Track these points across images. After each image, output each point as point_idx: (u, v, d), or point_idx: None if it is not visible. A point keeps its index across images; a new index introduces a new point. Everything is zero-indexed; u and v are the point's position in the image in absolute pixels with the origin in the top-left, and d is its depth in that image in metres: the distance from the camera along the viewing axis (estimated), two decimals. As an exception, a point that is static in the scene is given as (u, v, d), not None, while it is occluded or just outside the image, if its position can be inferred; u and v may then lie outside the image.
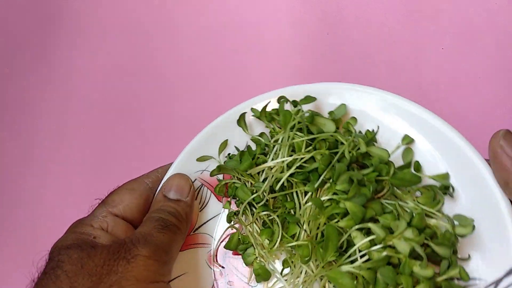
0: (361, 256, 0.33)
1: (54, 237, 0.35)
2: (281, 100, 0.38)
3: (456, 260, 0.35)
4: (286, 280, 0.36)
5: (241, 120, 0.40)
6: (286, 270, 0.37)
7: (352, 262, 0.33)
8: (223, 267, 0.39)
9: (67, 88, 0.56)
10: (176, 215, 0.37)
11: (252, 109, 0.40)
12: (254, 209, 0.38)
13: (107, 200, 0.38)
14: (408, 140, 0.37)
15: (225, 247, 0.39)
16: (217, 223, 0.40)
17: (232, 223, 0.39)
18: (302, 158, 0.36)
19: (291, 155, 0.36)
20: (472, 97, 0.57)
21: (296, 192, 0.36)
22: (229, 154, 0.40)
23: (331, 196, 0.35)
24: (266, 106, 0.39)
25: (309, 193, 0.36)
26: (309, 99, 0.38)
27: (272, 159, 0.37)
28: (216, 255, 0.39)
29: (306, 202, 0.36)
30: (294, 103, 0.38)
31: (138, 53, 0.58)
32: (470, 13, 0.55)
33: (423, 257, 0.32)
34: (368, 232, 0.34)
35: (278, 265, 0.38)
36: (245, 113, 0.40)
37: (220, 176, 0.40)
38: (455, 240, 0.35)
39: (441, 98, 0.56)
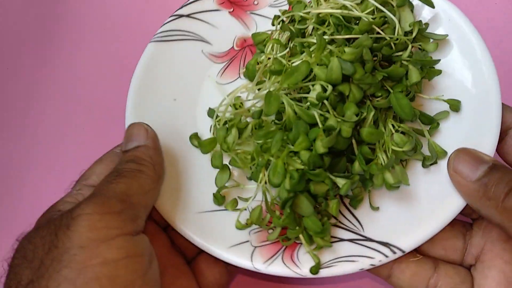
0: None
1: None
2: None
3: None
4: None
5: None
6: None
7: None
8: None
9: (67, 88, 0.54)
10: (135, 160, 0.32)
11: None
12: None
13: (80, 177, 0.35)
14: None
15: None
16: None
17: None
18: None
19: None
20: None
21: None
22: None
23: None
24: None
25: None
26: None
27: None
28: None
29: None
30: None
31: (139, 52, 0.55)
32: (470, 13, 0.52)
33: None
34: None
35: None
36: None
37: None
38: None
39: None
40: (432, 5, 0.38)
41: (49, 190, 0.50)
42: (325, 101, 0.32)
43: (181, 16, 0.43)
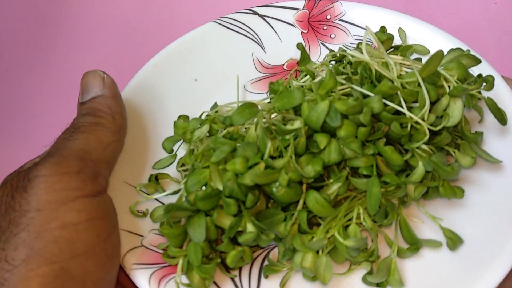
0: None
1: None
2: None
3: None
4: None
5: None
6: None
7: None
8: None
9: (67, 88, 0.54)
10: (92, 112, 0.30)
11: None
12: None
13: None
14: None
15: None
16: None
17: None
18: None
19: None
20: None
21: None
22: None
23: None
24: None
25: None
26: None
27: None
28: None
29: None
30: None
31: (139, 52, 0.55)
32: (470, 13, 0.53)
33: None
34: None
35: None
36: None
37: None
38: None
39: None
40: (504, 122, 0.30)
41: None
42: (292, 140, 0.27)
43: (255, 13, 0.41)
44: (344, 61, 0.35)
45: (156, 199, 0.31)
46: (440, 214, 0.29)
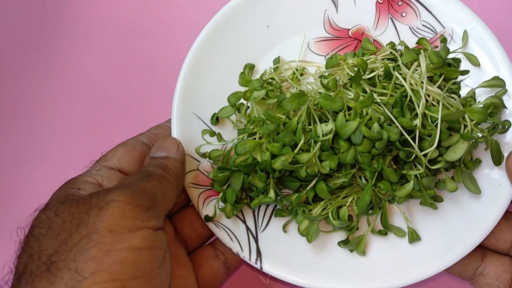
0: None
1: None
2: None
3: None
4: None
5: None
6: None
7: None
8: None
9: (66, 88, 0.54)
10: (163, 167, 0.34)
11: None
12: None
13: (101, 157, 0.36)
14: None
15: None
16: None
17: None
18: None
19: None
20: None
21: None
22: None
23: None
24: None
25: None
26: None
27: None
28: None
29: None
30: None
31: (138, 52, 0.54)
32: None
33: None
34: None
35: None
36: None
37: None
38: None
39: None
40: (498, 164, 0.37)
41: (49, 188, 0.46)
42: (320, 141, 0.35)
43: (338, -31, 0.43)
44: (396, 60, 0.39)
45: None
46: (416, 216, 0.39)
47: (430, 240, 0.38)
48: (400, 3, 0.43)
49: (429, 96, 0.36)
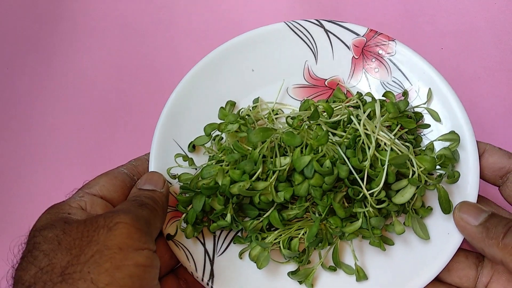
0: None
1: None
2: None
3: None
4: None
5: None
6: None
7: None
8: None
9: (66, 88, 0.55)
10: (152, 199, 0.37)
11: None
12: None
13: (84, 185, 0.39)
14: None
15: None
16: None
17: None
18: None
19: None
20: (472, 97, 0.56)
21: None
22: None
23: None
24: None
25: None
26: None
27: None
28: None
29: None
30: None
31: (138, 52, 0.56)
32: (470, 13, 0.54)
33: None
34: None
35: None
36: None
37: None
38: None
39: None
40: (447, 212, 0.39)
41: (49, 188, 0.51)
42: (277, 172, 0.38)
43: (322, 26, 0.48)
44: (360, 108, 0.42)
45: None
46: (368, 254, 0.40)
47: (377, 280, 0.39)
48: (373, 60, 0.47)
49: (383, 142, 0.38)
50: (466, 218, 0.37)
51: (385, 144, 0.38)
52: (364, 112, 0.40)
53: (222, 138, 0.44)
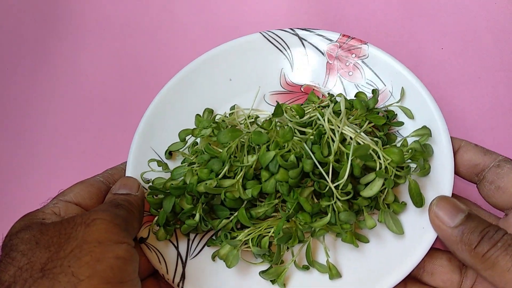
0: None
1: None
2: None
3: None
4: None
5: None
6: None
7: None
8: None
9: (66, 88, 0.56)
10: (127, 201, 0.38)
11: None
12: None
13: (58, 194, 0.39)
14: None
15: None
16: None
17: None
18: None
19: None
20: (472, 97, 0.55)
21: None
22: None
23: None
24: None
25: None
26: None
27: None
28: None
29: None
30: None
31: (137, 52, 0.56)
32: (470, 13, 0.53)
33: None
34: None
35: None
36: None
37: None
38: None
39: (441, 97, 0.55)
40: (419, 206, 0.38)
41: (48, 187, 0.51)
42: (244, 169, 0.38)
43: (296, 34, 0.49)
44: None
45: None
46: (341, 252, 0.39)
47: (351, 277, 0.38)
48: (347, 64, 0.48)
49: (349, 137, 0.38)
50: (442, 217, 0.36)
51: (351, 138, 0.38)
52: (333, 111, 0.40)
53: (197, 143, 0.45)
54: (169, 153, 0.45)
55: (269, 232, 0.39)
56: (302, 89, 0.49)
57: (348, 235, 0.38)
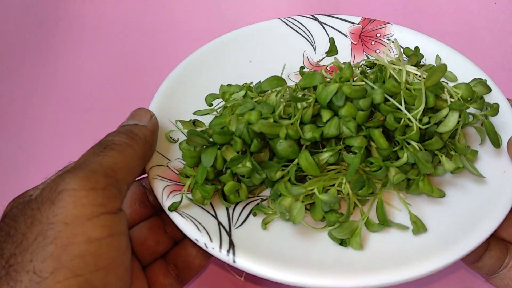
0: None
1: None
2: None
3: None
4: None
5: None
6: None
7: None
8: None
9: (66, 88, 0.55)
10: (128, 133, 0.32)
11: None
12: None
13: (62, 169, 0.32)
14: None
15: None
16: None
17: None
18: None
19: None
20: None
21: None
22: None
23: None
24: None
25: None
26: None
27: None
28: None
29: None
30: None
31: (137, 52, 0.56)
32: (470, 13, 0.54)
33: None
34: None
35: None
36: None
37: None
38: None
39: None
40: (497, 145, 0.34)
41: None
42: (301, 109, 0.33)
43: (316, 19, 0.48)
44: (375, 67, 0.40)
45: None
46: (418, 206, 0.33)
47: (435, 232, 0.32)
48: (373, 43, 0.47)
49: (411, 75, 0.35)
50: None
51: (413, 77, 0.35)
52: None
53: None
54: (193, 123, 0.39)
55: (335, 183, 0.33)
56: (328, 68, 0.46)
57: (426, 181, 0.32)
